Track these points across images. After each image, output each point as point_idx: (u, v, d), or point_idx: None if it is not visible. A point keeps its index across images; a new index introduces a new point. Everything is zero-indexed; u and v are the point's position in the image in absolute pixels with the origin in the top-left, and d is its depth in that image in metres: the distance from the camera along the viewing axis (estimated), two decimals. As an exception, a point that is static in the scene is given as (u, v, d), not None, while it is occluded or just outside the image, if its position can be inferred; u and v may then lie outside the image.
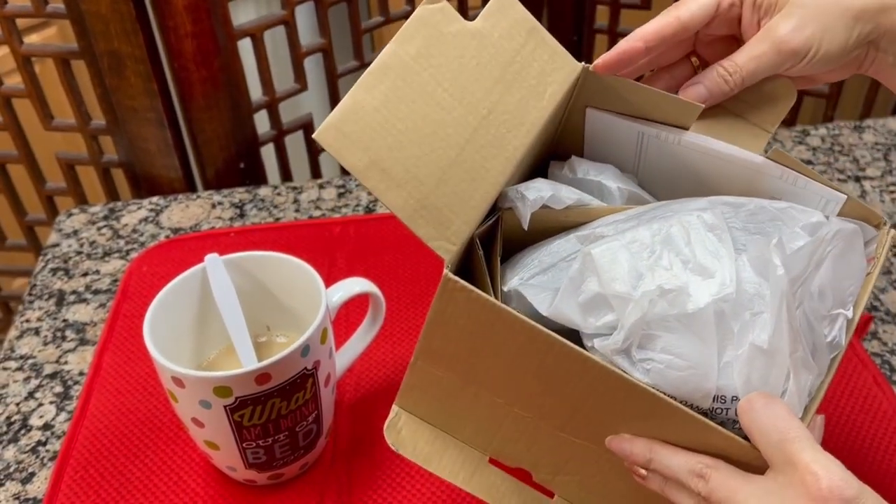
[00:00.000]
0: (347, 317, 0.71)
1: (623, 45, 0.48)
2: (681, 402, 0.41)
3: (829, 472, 0.37)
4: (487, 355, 0.44)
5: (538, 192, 0.45)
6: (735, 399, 0.41)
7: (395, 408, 0.50)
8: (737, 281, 0.41)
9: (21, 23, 0.95)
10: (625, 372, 0.41)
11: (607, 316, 0.42)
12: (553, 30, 0.49)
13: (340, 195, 0.90)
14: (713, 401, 0.42)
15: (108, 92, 0.95)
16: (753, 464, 0.40)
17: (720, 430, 0.41)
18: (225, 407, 0.53)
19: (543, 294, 0.45)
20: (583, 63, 0.49)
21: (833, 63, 0.49)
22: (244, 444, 0.56)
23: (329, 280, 0.59)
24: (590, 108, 0.51)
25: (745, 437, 0.41)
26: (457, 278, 0.41)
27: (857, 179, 0.90)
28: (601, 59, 0.48)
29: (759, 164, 0.48)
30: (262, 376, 0.52)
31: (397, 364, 0.70)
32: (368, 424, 0.65)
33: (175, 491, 0.61)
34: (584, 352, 0.41)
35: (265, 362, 0.52)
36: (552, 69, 0.47)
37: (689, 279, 0.41)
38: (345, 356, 0.63)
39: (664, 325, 0.41)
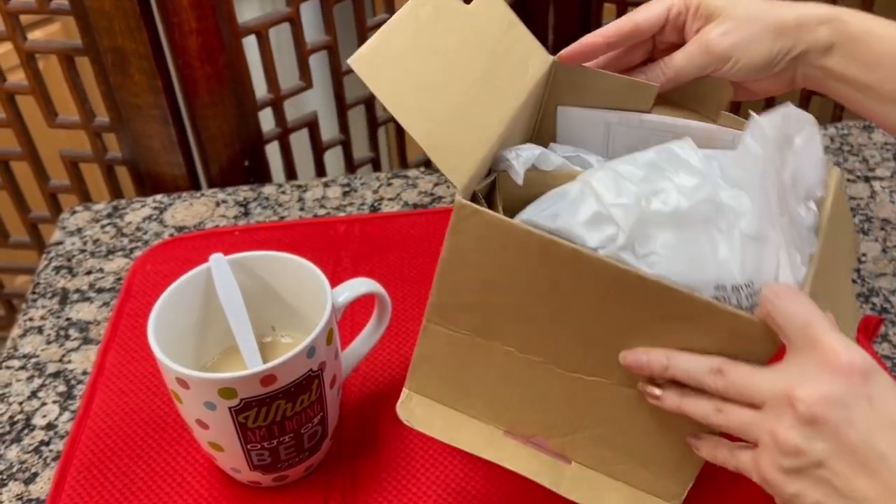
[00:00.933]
0: (352, 317, 0.70)
1: (585, 39, 0.55)
2: None
3: (850, 349, 0.40)
4: (500, 291, 0.46)
5: (530, 150, 0.50)
6: (735, 288, 0.45)
7: (405, 390, 0.51)
8: (716, 191, 0.46)
9: (24, 19, 0.94)
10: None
11: (608, 229, 0.45)
12: (559, 28, 0.51)
13: (345, 193, 0.90)
14: (715, 289, 0.45)
15: (111, 89, 0.94)
16: (761, 340, 0.43)
17: (730, 310, 0.43)
18: (230, 408, 0.52)
19: (548, 219, 0.48)
20: (553, 57, 0.55)
21: (759, 72, 0.55)
22: (249, 446, 0.55)
23: (334, 279, 0.59)
24: (560, 105, 0.57)
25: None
26: (469, 202, 0.44)
27: (867, 180, 0.89)
28: (565, 51, 0.55)
29: (712, 131, 0.54)
30: (267, 378, 0.52)
31: (403, 365, 0.69)
32: (374, 426, 0.65)
33: (178, 492, 0.60)
34: (595, 253, 0.44)
35: (271, 364, 0.52)
36: (530, 54, 0.54)
37: (677, 184, 0.46)
38: (350, 357, 0.62)
39: (658, 224, 0.45)
